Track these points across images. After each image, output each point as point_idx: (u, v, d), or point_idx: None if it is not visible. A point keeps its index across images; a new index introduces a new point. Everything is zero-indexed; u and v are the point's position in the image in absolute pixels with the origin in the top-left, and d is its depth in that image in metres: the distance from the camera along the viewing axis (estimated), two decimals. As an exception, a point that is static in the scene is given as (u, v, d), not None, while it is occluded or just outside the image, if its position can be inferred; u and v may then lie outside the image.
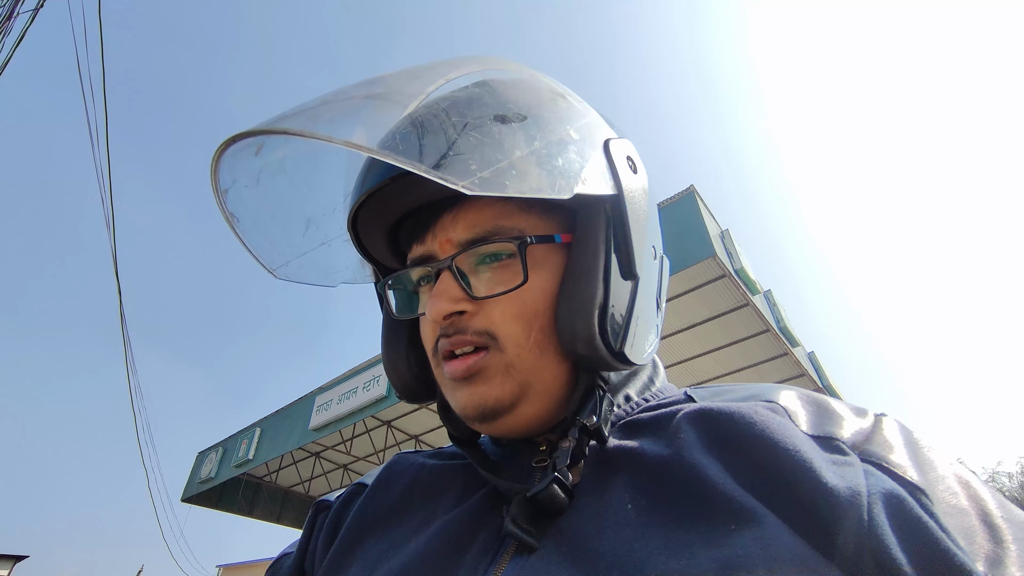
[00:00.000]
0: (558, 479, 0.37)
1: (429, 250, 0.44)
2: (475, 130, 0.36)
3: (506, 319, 0.41)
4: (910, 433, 0.38)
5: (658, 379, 0.51)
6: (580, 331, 0.39)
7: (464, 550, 0.38)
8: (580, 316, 0.39)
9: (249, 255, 0.47)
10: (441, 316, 0.41)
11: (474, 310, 0.41)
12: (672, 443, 0.38)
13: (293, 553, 0.52)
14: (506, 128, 0.38)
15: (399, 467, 0.52)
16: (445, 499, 0.45)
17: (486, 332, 0.41)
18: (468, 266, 0.43)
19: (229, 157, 0.37)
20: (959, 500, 0.32)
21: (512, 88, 0.43)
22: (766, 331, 7.22)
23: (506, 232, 0.42)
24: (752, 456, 0.35)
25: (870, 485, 0.31)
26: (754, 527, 0.31)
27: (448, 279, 0.42)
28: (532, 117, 0.40)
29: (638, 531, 0.33)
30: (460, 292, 0.41)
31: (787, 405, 0.40)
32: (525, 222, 0.43)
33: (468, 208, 0.43)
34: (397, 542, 0.42)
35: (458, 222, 0.43)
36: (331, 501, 0.54)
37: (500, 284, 0.42)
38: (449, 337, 0.42)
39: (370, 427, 10.49)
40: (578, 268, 0.41)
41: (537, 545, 0.35)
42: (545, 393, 0.42)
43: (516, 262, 0.42)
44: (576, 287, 0.40)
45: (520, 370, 0.41)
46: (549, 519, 0.37)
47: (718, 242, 6.32)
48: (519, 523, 0.36)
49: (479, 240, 0.42)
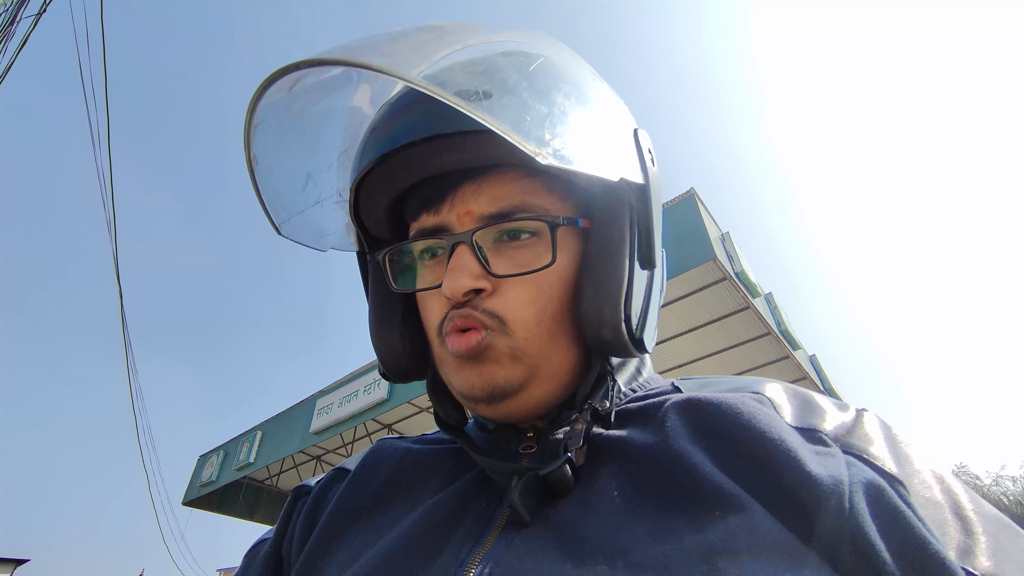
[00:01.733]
0: (569, 459, 0.37)
1: (444, 221, 0.42)
2: (541, 97, 0.36)
3: (521, 302, 0.40)
4: (889, 428, 0.38)
5: (645, 370, 0.51)
6: (608, 317, 0.39)
7: (449, 533, 0.38)
8: (609, 303, 0.39)
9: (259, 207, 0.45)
10: (460, 293, 0.39)
11: (491, 289, 0.40)
12: (659, 432, 0.38)
13: (270, 540, 0.50)
14: (568, 102, 0.37)
15: (383, 452, 0.51)
16: (431, 484, 0.44)
17: (496, 315, 0.40)
18: (486, 242, 0.41)
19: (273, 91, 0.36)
20: (933, 493, 0.33)
21: (566, 64, 0.42)
22: (767, 334, 7.21)
23: (532, 210, 0.41)
24: (738, 445, 0.35)
25: (851, 475, 0.32)
26: (739, 514, 0.31)
27: (466, 254, 0.40)
28: (586, 95, 0.40)
29: (624, 518, 0.33)
30: (479, 268, 0.40)
31: (773, 397, 0.40)
32: (548, 202, 0.42)
33: (493, 180, 0.41)
34: (382, 528, 0.42)
35: (481, 194, 0.41)
36: (311, 486, 0.52)
37: (519, 264, 0.40)
38: (461, 311, 0.40)
39: (371, 430, 10.48)
40: (604, 254, 0.40)
41: (529, 522, 0.35)
42: (553, 377, 0.42)
43: (538, 242, 0.41)
44: (604, 273, 0.40)
45: (529, 354, 0.40)
46: (551, 500, 0.37)
47: (718, 245, 6.32)
48: (526, 500, 0.36)
49: (503, 215, 0.40)
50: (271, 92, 0.36)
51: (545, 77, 0.38)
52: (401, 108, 0.42)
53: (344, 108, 0.46)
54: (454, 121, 0.38)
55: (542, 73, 0.38)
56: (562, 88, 0.38)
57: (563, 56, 0.43)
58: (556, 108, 0.35)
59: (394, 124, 0.41)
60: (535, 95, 0.35)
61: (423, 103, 0.40)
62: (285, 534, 0.49)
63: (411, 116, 0.40)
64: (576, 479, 0.37)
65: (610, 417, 0.41)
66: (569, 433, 0.39)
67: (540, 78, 0.37)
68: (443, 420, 0.47)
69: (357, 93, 0.45)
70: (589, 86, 0.42)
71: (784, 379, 7.55)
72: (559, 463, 0.37)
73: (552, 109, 0.35)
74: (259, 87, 0.35)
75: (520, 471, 0.38)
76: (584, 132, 0.36)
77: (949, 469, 0.36)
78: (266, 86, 0.35)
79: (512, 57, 0.38)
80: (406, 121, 0.40)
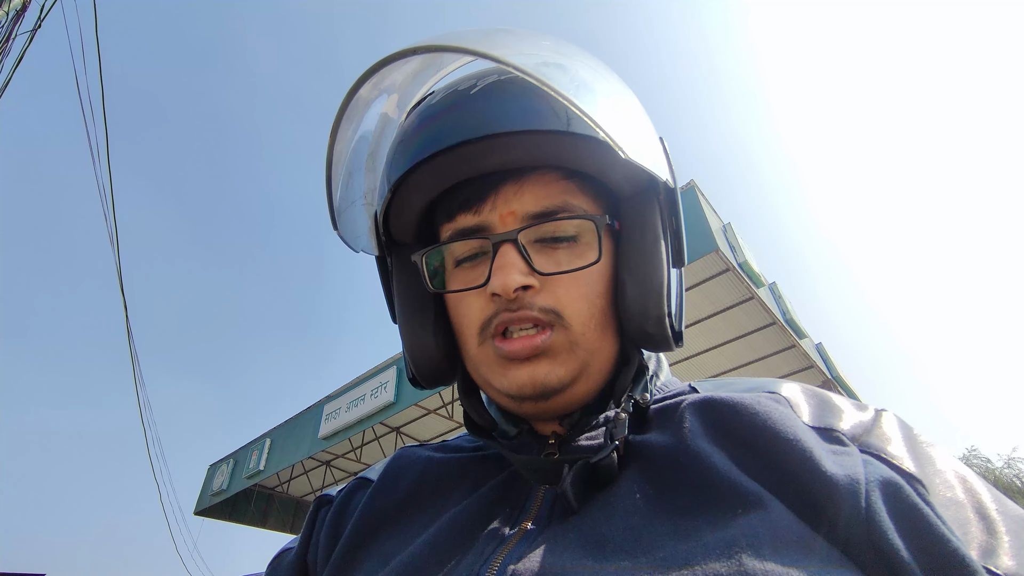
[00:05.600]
0: (617, 448, 0.38)
1: (485, 221, 0.42)
2: (612, 101, 0.38)
3: (572, 297, 0.41)
4: (909, 428, 0.38)
5: (662, 373, 0.51)
6: (652, 311, 0.41)
7: (473, 537, 0.38)
8: (652, 297, 0.41)
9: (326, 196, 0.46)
10: (511, 289, 0.39)
11: (539, 287, 0.40)
12: (677, 433, 0.39)
13: (294, 548, 0.51)
14: (627, 106, 0.40)
15: (405, 460, 0.50)
16: (455, 493, 0.44)
17: (552, 310, 0.40)
18: (528, 242, 0.41)
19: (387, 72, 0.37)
20: (955, 493, 0.33)
21: (608, 71, 0.44)
22: (772, 324, 7.19)
23: (574, 210, 0.42)
24: (755, 444, 0.35)
25: (868, 473, 0.32)
26: (759, 511, 0.31)
27: (512, 252, 0.40)
28: (633, 104, 0.43)
29: (646, 518, 0.34)
30: (526, 267, 0.40)
31: (790, 396, 0.40)
32: (586, 203, 0.43)
33: (535, 181, 0.42)
34: (408, 536, 0.42)
35: (524, 194, 0.41)
36: (332, 495, 0.53)
37: (561, 263, 0.41)
38: (513, 312, 0.40)
39: (379, 434, 10.51)
40: (644, 251, 0.42)
41: (577, 509, 0.36)
42: (599, 372, 0.43)
43: (575, 244, 0.42)
44: (646, 269, 0.42)
45: (584, 348, 0.41)
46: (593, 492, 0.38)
47: (720, 236, 6.31)
48: (576, 488, 0.37)
49: (546, 214, 0.41)
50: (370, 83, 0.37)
51: (607, 84, 0.40)
52: (445, 110, 0.41)
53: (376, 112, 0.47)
54: (505, 120, 0.38)
55: (604, 80, 0.40)
56: (621, 93, 0.41)
57: (604, 65, 0.45)
58: (621, 111, 0.39)
59: (441, 125, 0.40)
60: (608, 98, 0.38)
61: (471, 103, 0.40)
62: (310, 543, 0.49)
63: (459, 116, 0.40)
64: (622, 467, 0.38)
65: (648, 409, 0.43)
66: (613, 424, 0.40)
67: (603, 84, 0.39)
68: (474, 422, 0.47)
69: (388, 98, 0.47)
70: (630, 95, 0.44)
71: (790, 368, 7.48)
72: (609, 450, 0.38)
73: (618, 111, 0.38)
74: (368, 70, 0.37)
75: (571, 460, 0.39)
76: (643, 134, 0.41)
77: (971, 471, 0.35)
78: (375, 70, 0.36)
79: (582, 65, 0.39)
80: (455, 121, 0.40)
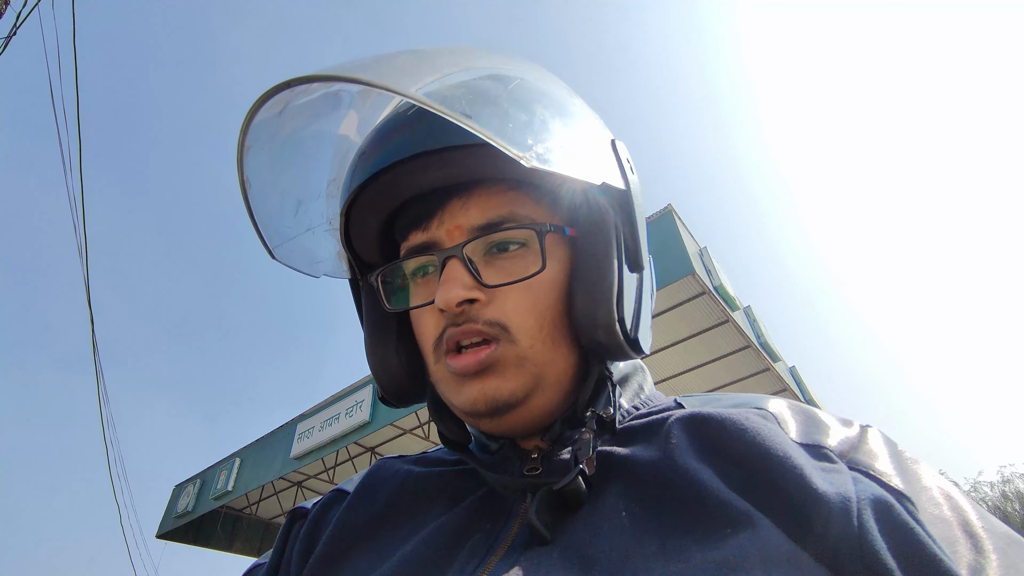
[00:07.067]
0: (582, 471, 0.37)
1: (433, 237, 0.42)
2: (522, 109, 0.37)
3: (519, 310, 0.40)
4: (895, 444, 0.38)
5: (647, 387, 0.51)
6: (601, 318, 0.39)
7: (454, 554, 0.38)
8: (601, 304, 0.40)
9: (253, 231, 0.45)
10: (454, 303, 0.39)
11: (485, 300, 0.40)
12: (664, 448, 0.38)
13: (265, 564, 0.49)
14: (547, 112, 0.39)
15: (383, 473, 0.49)
16: (434, 507, 0.44)
17: (497, 323, 0.40)
18: (476, 255, 0.41)
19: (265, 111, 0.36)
20: (942, 511, 0.33)
21: (542, 81, 0.43)
22: (747, 347, 7.31)
23: (519, 219, 0.41)
24: (744, 461, 0.35)
25: (858, 491, 0.32)
26: (748, 530, 0.31)
27: (458, 266, 0.40)
28: (564, 108, 0.41)
29: (633, 538, 0.33)
30: (471, 280, 0.40)
31: (777, 412, 0.40)
32: (535, 212, 0.43)
33: (480, 194, 0.42)
34: (385, 551, 0.41)
35: (470, 207, 0.42)
36: (307, 508, 0.51)
37: (510, 274, 0.41)
38: (459, 326, 0.40)
39: (353, 454, 10.27)
40: (593, 258, 0.41)
41: (550, 538, 0.35)
42: (556, 385, 0.42)
43: (528, 252, 0.41)
44: (594, 276, 0.40)
45: (533, 362, 0.40)
46: (566, 515, 0.37)
47: (697, 260, 6.43)
48: (542, 516, 0.35)
49: (491, 226, 0.41)
50: (263, 111, 0.36)
51: (524, 93, 0.39)
52: (387, 131, 0.42)
53: (332, 135, 0.46)
54: (440, 137, 0.39)
55: (521, 90, 0.39)
56: (541, 101, 0.39)
57: (540, 75, 0.45)
58: (536, 118, 0.37)
59: (382, 145, 0.41)
60: (516, 107, 0.37)
61: (408, 124, 0.41)
62: (282, 558, 0.48)
63: (397, 137, 0.41)
64: (589, 490, 0.37)
65: (615, 424, 0.41)
66: (577, 445, 0.39)
67: (520, 93, 0.39)
68: (448, 439, 0.46)
69: (345, 120, 0.46)
70: (566, 101, 0.43)
71: (764, 391, 7.61)
72: (572, 475, 0.36)
73: (532, 119, 0.37)
74: (253, 106, 0.36)
75: (534, 487, 0.38)
76: (564, 139, 0.38)
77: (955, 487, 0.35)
78: (259, 105, 0.35)
79: (493, 79, 0.39)
80: (394, 141, 0.41)
